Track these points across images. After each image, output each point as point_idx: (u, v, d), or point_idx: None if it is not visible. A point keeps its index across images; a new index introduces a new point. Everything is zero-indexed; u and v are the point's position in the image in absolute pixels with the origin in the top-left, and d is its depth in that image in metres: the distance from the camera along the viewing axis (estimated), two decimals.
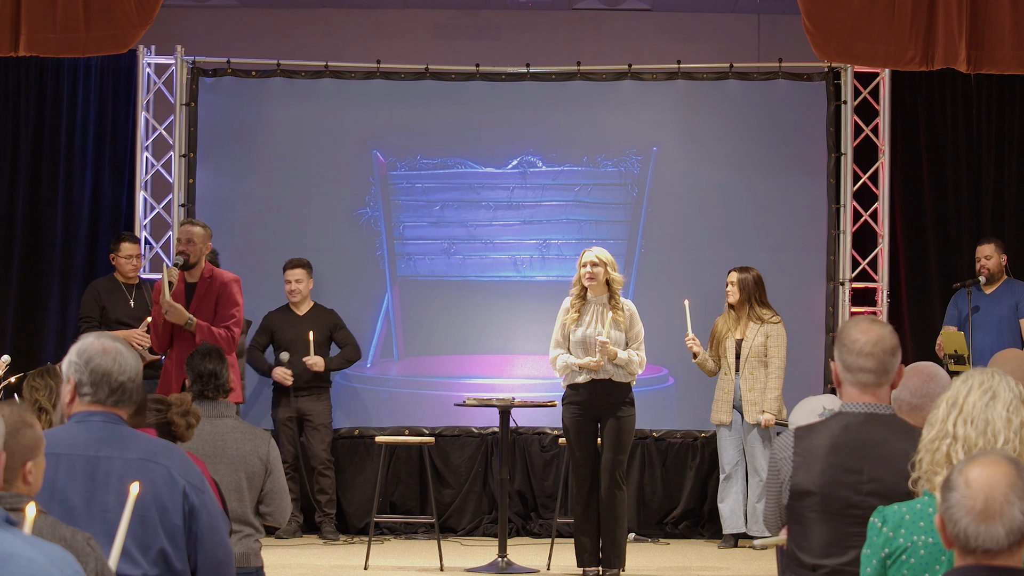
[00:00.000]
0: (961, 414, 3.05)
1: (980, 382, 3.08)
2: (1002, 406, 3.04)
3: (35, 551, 2.52)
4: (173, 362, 7.39)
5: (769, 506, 3.66)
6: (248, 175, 9.64)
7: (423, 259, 9.63)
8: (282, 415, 8.92)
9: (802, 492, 3.46)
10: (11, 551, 2.49)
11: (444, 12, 10.15)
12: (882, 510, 3.08)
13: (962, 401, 3.06)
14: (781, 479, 3.54)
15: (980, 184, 9.77)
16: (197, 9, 10.07)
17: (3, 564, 2.49)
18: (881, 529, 3.04)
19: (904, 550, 3.00)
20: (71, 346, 3.40)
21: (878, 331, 3.52)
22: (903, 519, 3.02)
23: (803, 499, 3.46)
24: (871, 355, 3.48)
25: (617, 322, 7.27)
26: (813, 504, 3.43)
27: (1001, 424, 3.01)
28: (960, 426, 3.03)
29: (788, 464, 3.51)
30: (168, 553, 3.24)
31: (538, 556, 8.05)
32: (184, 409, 4.34)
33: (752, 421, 8.54)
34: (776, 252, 9.32)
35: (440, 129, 9.66)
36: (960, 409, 3.06)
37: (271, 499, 5.26)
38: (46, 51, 8.15)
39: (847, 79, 9.43)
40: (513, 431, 8.63)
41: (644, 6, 10.08)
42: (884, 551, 3.02)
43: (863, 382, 3.49)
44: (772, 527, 3.70)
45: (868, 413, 3.49)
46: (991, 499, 2.54)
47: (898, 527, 3.02)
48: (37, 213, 9.71)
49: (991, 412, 3.03)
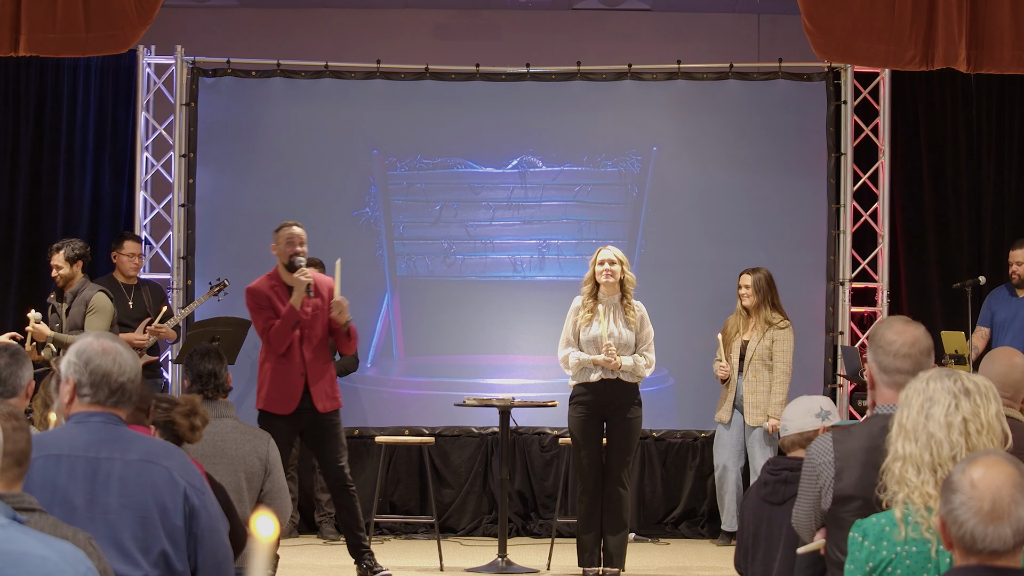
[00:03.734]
0: (903, 433, 3.05)
1: (918, 392, 3.07)
2: (940, 411, 3.02)
3: (48, 549, 2.51)
4: (295, 365, 6.99)
5: (803, 510, 3.59)
6: (248, 175, 9.64)
7: (423, 259, 9.63)
8: None
9: (845, 497, 3.41)
10: (24, 550, 2.49)
11: (444, 12, 10.15)
12: (861, 523, 3.07)
13: (904, 419, 3.06)
14: (820, 484, 3.48)
15: (980, 184, 9.77)
16: (197, 9, 10.07)
17: (17, 563, 2.48)
18: (863, 543, 3.03)
19: (889, 562, 2.99)
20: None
21: (913, 332, 3.52)
22: (883, 531, 3.01)
23: (846, 504, 3.41)
24: (908, 356, 3.48)
25: (629, 322, 7.27)
26: (855, 509, 3.38)
27: (942, 434, 3.00)
28: (904, 445, 3.04)
29: (829, 469, 3.46)
30: (169, 554, 3.23)
31: (538, 556, 8.05)
32: (188, 410, 4.32)
33: (753, 423, 8.54)
34: (776, 252, 9.31)
35: (440, 129, 9.66)
36: (902, 427, 3.06)
37: (271, 499, 5.26)
38: (46, 51, 8.15)
39: (847, 79, 9.43)
40: (513, 431, 8.63)
41: (644, 6, 10.08)
42: (868, 565, 3.01)
43: (900, 383, 3.48)
44: (806, 532, 3.65)
45: None
46: (998, 500, 2.53)
47: (880, 539, 3.01)
48: (37, 213, 9.71)
49: (931, 424, 3.02)
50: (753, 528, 4.77)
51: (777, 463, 4.73)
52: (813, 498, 3.53)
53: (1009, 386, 4.34)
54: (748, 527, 4.83)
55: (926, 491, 2.96)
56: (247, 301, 7.14)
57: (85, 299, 7.84)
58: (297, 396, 6.94)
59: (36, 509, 2.85)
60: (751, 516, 4.82)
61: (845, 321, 9.30)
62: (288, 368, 6.97)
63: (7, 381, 4.42)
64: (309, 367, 6.98)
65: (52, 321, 7.96)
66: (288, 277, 7.05)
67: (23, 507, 2.80)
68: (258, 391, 7.08)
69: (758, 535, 4.75)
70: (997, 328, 8.65)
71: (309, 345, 7.00)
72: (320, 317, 7.03)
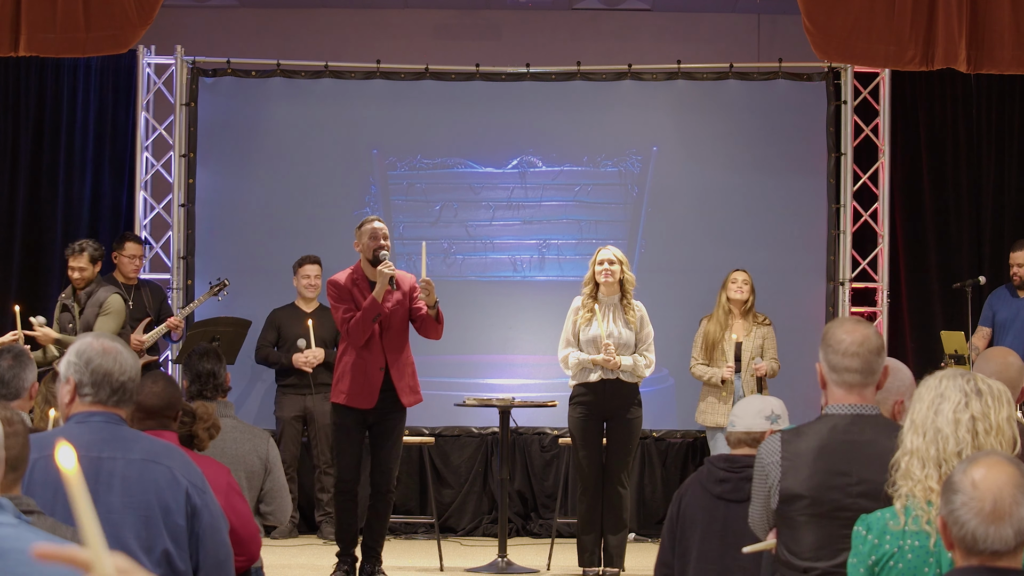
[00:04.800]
0: (912, 426, 3.05)
1: (930, 388, 3.07)
2: (949, 408, 3.01)
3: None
4: (375, 359, 6.93)
5: (756, 510, 3.64)
6: (248, 175, 9.64)
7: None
8: (288, 413, 8.90)
9: (792, 496, 3.45)
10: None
11: (444, 12, 10.15)
12: (865, 518, 3.08)
13: (915, 415, 3.06)
14: (769, 484, 3.52)
15: (980, 184, 9.77)
16: (197, 9, 10.07)
17: (29, 561, 2.53)
18: (866, 537, 3.04)
19: (891, 556, 3.00)
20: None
21: (863, 331, 3.51)
22: (886, 525, 3.02)
23: (793, 503, 3.45)
24: (857, 355, 3.48)
25: (628, 322, 7.27)
26: (803, 507, 3.43)
27: (949, 429, 2.99)
28: (912, 438, 3.04)
29: (776, 468, 3.49)
30: (171, 553, 3.25)
31: (538, 556, 8.05)
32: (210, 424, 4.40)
33: None
34: (776, 252, 9.31)
35: (440, 129, 9.66)
36: (911, 421, 3.06)
37: (271, 498, 5.26)
38: (46, 51, 8.15)
39: (847, 79, 9.43)
40: (513, 431, 8.63)
41: (644, 6, 10.08)
42: (871, 559, 3.02)
43: (849, 382, 3.49)
44: (760, 531, 3.69)
45: (854, 414, 3.49)
46: (1000, 500, 2.53)
47: (883, 533, 3.02)
48: (37, 213, 9.71)
49: (940, 419, 3.01)
50: (703, 526, 4.65)
51: (737, 460, 4.64)
52: (764, 498, 3.56)
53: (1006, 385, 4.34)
54: (694, 523, 4.68)
55: (928, 485, 2.96)
56: (328, 292, 7.12)
57: (99, 300, 7.83)
58: (377, 390, 6.92)
59: (35, 511, 2.86)
60: (698, 512, 4.68)
61: None
62: (368, 361, 6.95)
63: (10, 383, 4.41)
64: (390, 360, 6.97)
65: (64, 321, 7.95)
66: (371, 271, 7.04)
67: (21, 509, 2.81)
68: (334, 385, 7.03)
69: (709, 532, 4.64)
70: (998, 328, 8.65)
71: (389, 338, 6.99)
72: (400, 311, 7.02)
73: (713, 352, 8.48)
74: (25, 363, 4.47)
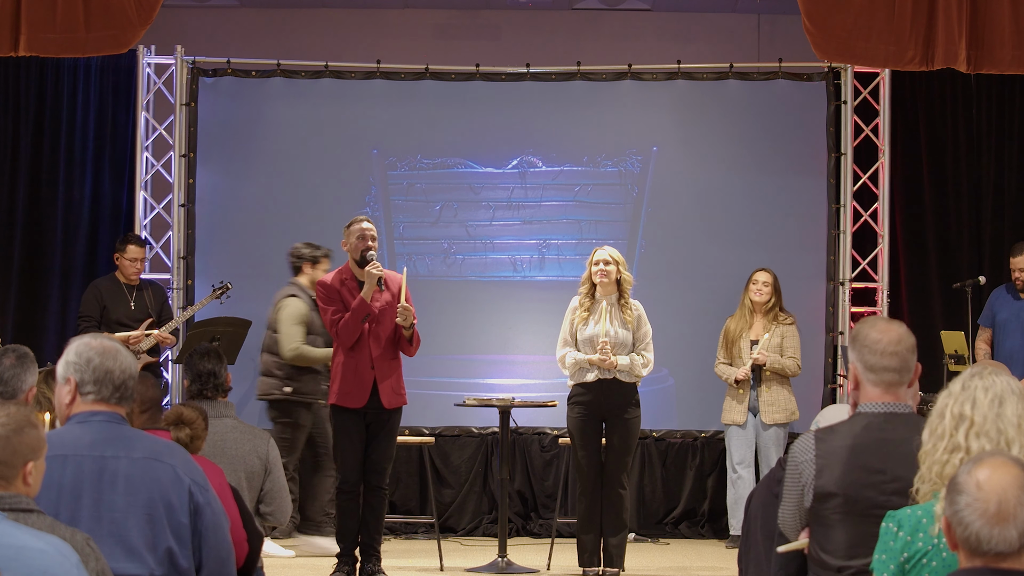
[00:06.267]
0: (973, 427, 3.03)
1: (984, 388, 3.06)
2: (1011, 411, 3.02)
3: (43, 543, 2.68)
4: (364, 359, 6.95)
5: (788, 510, 3.62)
6: (248, 175, 9.64)
7: (423, 259, 9.63)
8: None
9: (826, 495, 3.43)
10: (22, 543, 2.66)
11: (444, 12, 10.15)
12: (895, 514, 3.06)
13: (971, 413, 3.05)
14: (803, 482, 3.51)
15: (980, 184, 9.77)
16: (197, 9, 10.07)
17: (18, 556, 2.65)
18: (897, 534, 3.01)
19: (924, 553, 2.97)
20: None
21: (897, 330, 3.52)
22: (920, 522, 3.00)
23: (827, 501, 3.43)
24: (895, 354, 3.48)
25: (625, 322, 7.27)
26: (837, 506, 3.41)
27: (1014, 432, 3.00)
28: (973, 440, 3.02)
29: (810, 467, 3.48)
30: (174, 551, 3.26)
31: (538, 556, 8.05)
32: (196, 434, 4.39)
33: (769, 421, 8.53)
34: (776, 252, 9.31)
35: (440, 129, 9.66)
36: (971, 422, 3.04)
37: (271, 499, 5.27)
38: (46, 51, 8.15)
39: (847, 79, 9.43)
40: (513, 431, 8.63)
41: (644, 6, 10.08)
42: (903, 555, 2.99)
43: (887, 381, 3.49)
44: (791, 531, 3.66)
45: (888, 412, 3.48)
46: (1004, 502, 2.53)
47: (916, 531, 2.99)
48: (37, 213, 9.71)
49: (1002, 421, 3.01)
50: (761, 522, 4.73)
51: None
52: (796, 497, 3.55)
53: None
54: (755, 520, 4.78)
55: None
56: (316, 293, 7.16)
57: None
58: (367, 390, 6.93)
59: (34, 510, 2.86)
60: (759, 510, 4.77)
61: (845, 321, 9.30)
62: (358, 362, 6.96)
63: (8, 382, 4.40)
64: (376, 362, 6.97)
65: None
66: (359, 271, 7.04)
67: (19, 507, 2.82)
68: (330, 386, 7.07)
69: (768, 529, 4.70)
70: (998, 328, 8.65)
71: (377, 339, 6.99)
72: (388, 312, 7.02)
73: (732, 350, 8.69)
74: (27, 364, 4.46)
